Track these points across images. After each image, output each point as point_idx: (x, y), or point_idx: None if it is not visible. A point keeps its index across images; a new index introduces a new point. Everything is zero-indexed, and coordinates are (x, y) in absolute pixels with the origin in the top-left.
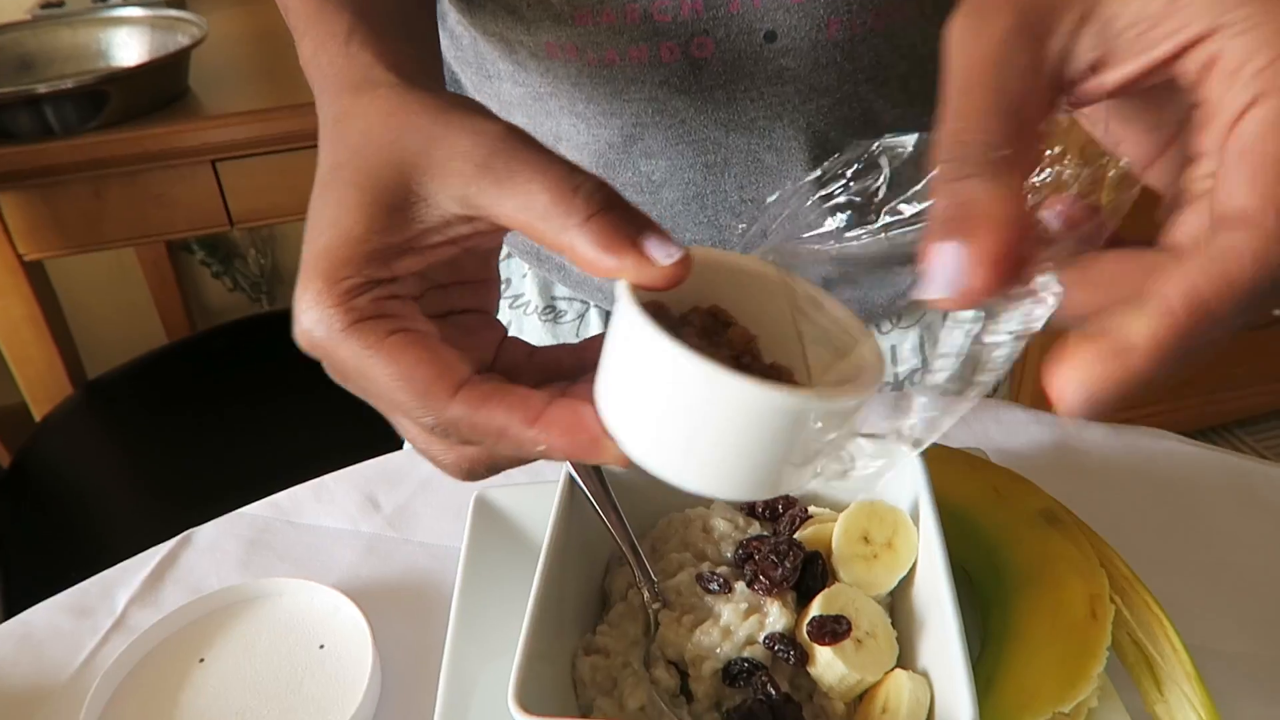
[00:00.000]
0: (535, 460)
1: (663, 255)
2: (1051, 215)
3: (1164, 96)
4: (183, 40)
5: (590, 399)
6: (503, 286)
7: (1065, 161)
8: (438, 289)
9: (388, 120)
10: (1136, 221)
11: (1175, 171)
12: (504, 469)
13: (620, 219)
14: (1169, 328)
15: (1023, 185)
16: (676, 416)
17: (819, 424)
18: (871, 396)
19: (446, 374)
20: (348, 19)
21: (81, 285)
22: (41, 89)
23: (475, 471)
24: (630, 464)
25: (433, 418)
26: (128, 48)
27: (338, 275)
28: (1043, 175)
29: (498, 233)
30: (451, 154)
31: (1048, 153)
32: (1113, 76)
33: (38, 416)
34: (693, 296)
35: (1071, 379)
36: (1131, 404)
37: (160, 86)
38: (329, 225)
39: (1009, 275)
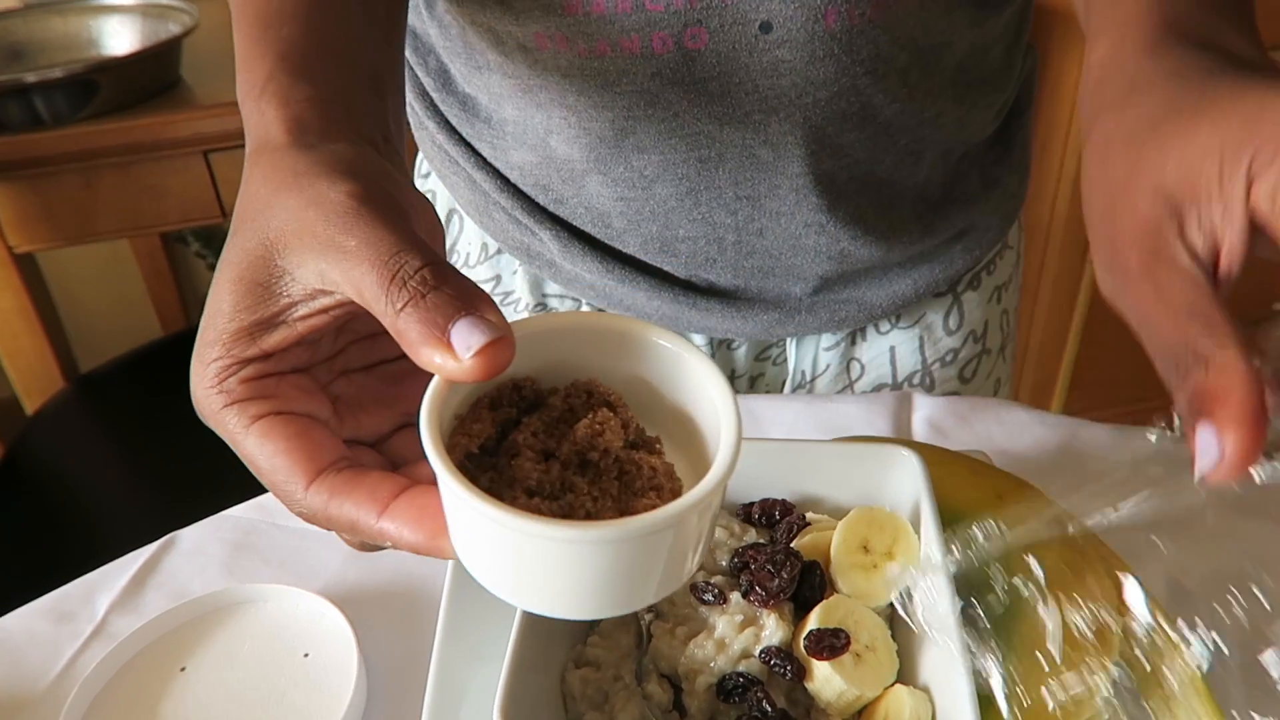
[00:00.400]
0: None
1: (462, 347)
2: None
3: None
4: (174, 29)
5: None
6: (492, 284)
7: None
8: (364, 340)
9: (260, 192)
10: None
11: None
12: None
13: (434, 304)
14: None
15: (1235, 355)
16: (485, 544)
17: (641, 547)
18: (707, 502)
19: (306, 464)
20: (267, 67)
21: (76, 278)
22: (30, 78)
23: (366, 546)
24: None
25: (294, 506)
26: (119, 36)
27: (208, 357)
28: None
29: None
30: (300, 227)
31: None
32: (1230, 253)
33: (29, 410)
34: (576, 364)
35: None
36: (1133, 398)
37: (152, 76)
38: (209, 303)
39: (1258, 432)
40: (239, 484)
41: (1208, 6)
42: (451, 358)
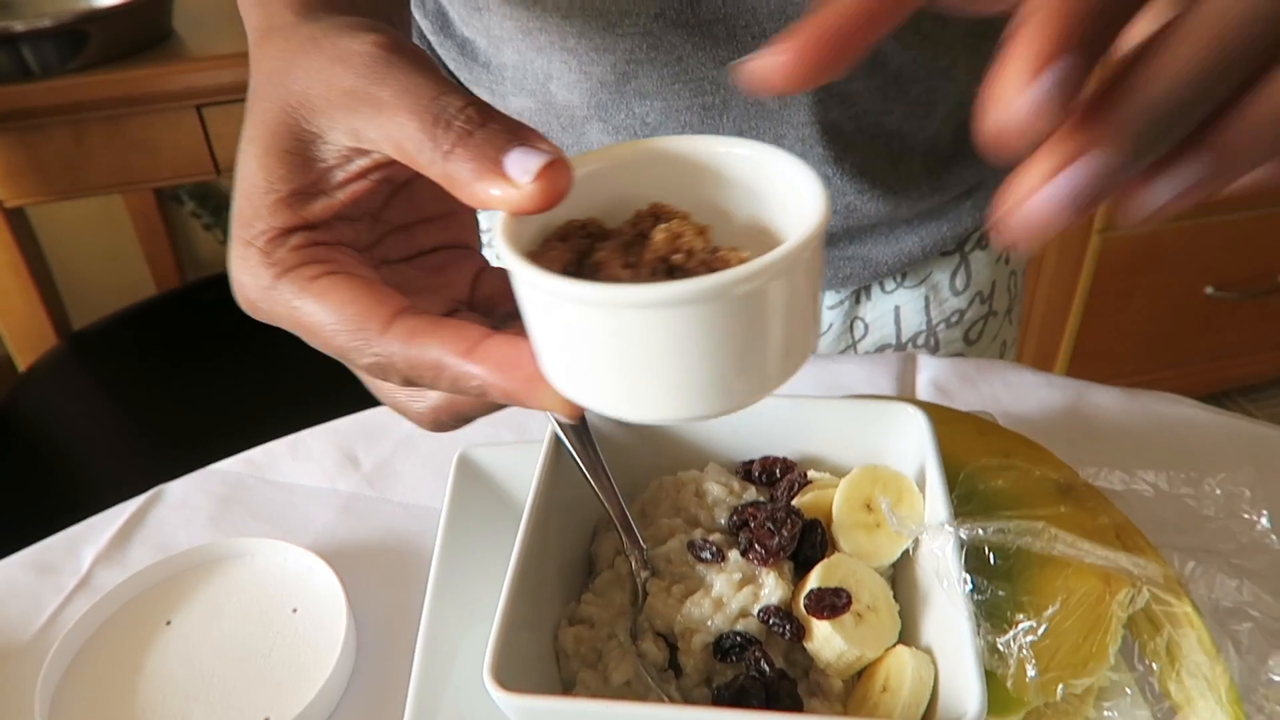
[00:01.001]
0: (487, 404)
1: (519, 173)
2: None
3: None
4: None
5: None
6: (487, 235)
7: None
8: (399, 231)
9: (275, 63)
10: None
11: None
12: (471, 417)
13: (484, 139)
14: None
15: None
16: (588, 349)
17: (743, 306)
18: (815, 246)
19: (378, 309)
20: None
21: (68, 235)
22: (19, 27)
23: (440, 421)
24: (576, 414)
25: (369, 356)
26: None
27: (251, 233)
28: None
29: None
30: (328, 87)
31: None
32: None
33: (22, 367)
34: (638, 196)
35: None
36: (1134, 371)
37: (143, 27)
38: (239, 184)
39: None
40: (230, 442)
41: None
42: (510, 186)
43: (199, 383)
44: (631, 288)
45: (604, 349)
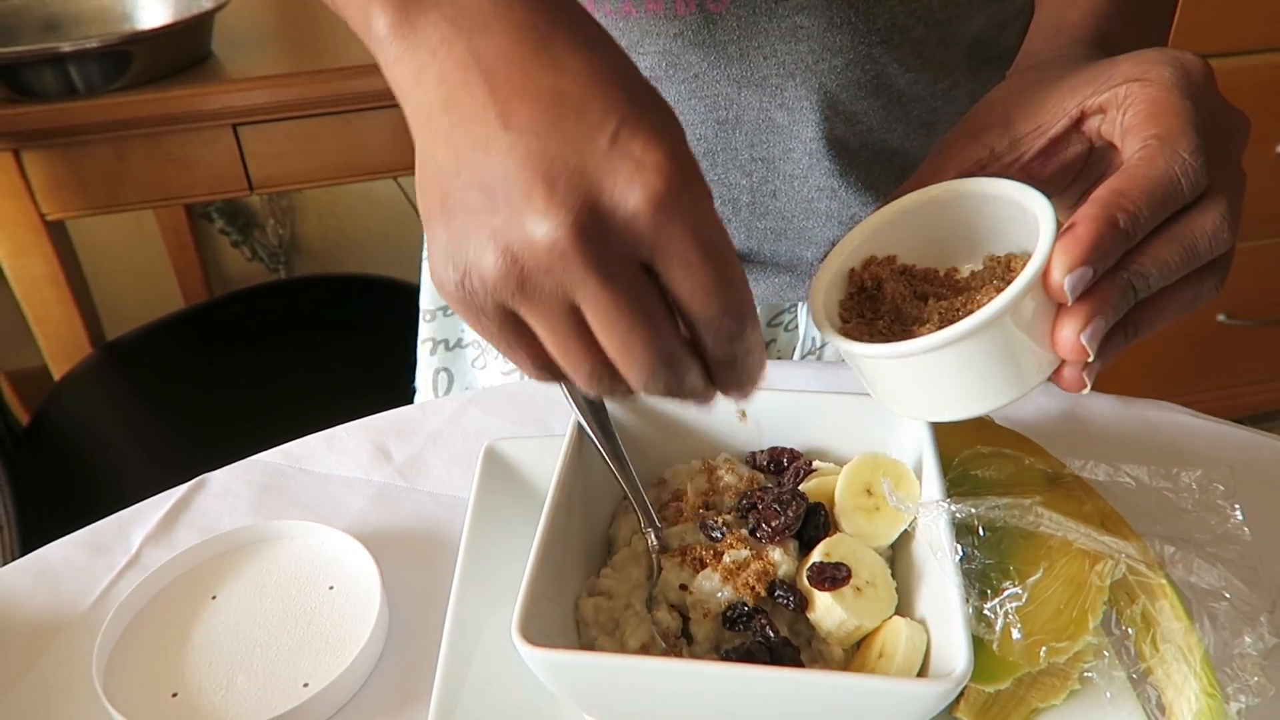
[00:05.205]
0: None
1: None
2: None
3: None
4: (206, 4)
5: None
6: None
7: None
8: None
9: None
10: None
11: None
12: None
13: None
14: (1097, 204)
15: None
16: (918, 384)
17: (1010, 324)
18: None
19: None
20: None
21: (102, 250)
22: (66, 48)
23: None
24: None
25: None
26: (152, 10)
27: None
28: None
29: None
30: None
31: None
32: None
33: (57, 376)
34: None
35: (1054, 272)
36: (1147, 396)
37: (183, 48)
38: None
39: None
40: (259, 446)
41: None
42: None
43: (228, 392)
44: (910, 341)
45: (915, 379)
